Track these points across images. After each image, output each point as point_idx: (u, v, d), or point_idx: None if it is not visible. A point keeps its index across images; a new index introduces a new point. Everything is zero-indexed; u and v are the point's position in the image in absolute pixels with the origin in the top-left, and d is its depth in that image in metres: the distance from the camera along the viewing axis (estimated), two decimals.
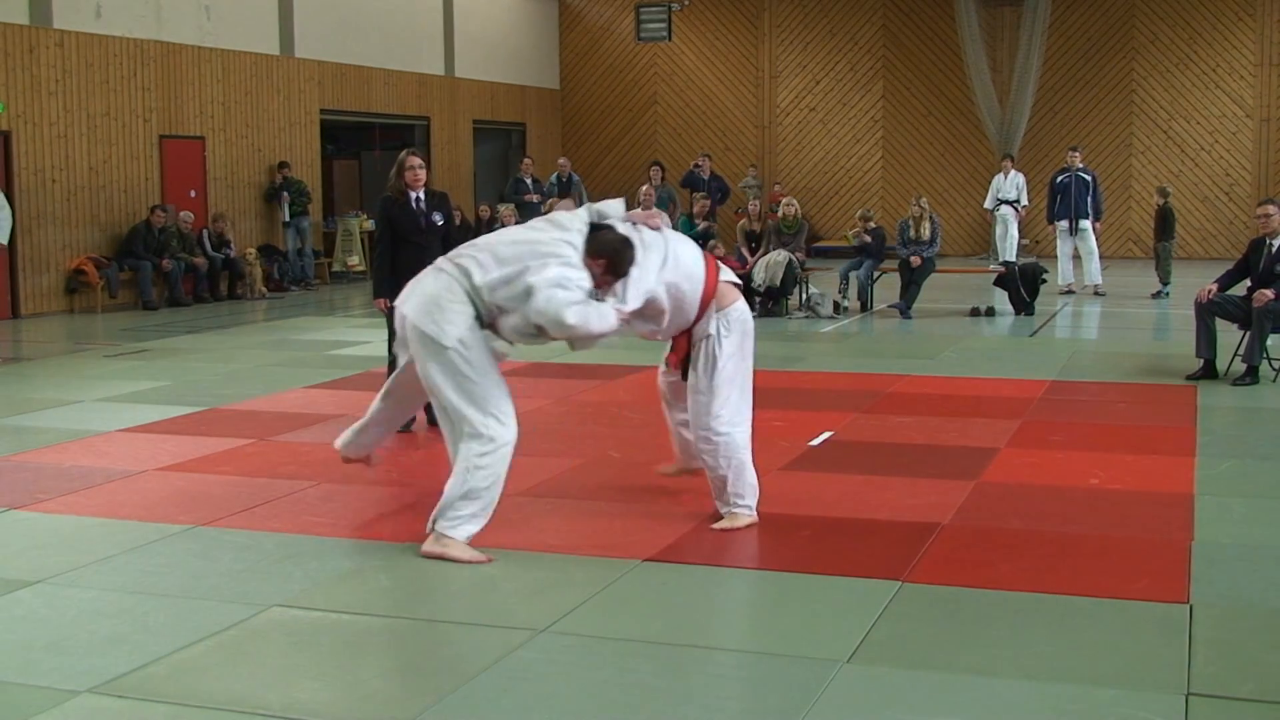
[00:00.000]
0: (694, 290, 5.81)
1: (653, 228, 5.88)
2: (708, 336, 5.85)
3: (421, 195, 8.19)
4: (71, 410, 9.17)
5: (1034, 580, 5.13)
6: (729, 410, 5.91)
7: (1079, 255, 17.14)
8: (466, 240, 7.64)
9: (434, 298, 5.52)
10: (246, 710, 3.99)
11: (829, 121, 24.81)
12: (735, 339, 5.89)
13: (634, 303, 5.64)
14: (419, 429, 8.19)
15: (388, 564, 5.50)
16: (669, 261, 5.76)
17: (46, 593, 5.16)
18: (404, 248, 7.99)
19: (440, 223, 8.20)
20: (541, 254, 5.49)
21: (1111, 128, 23.12)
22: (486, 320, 5.56)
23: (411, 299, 5.61)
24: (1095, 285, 16.90)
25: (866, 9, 24.35)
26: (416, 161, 8.19)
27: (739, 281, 6.12)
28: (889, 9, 24.23)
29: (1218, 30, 22.54)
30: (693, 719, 3.93)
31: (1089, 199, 16.98)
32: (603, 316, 5.51)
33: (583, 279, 5.51)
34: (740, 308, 5.94)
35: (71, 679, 4.23)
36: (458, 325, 5.45)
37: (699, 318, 5.85)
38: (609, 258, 5.58)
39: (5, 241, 11.64)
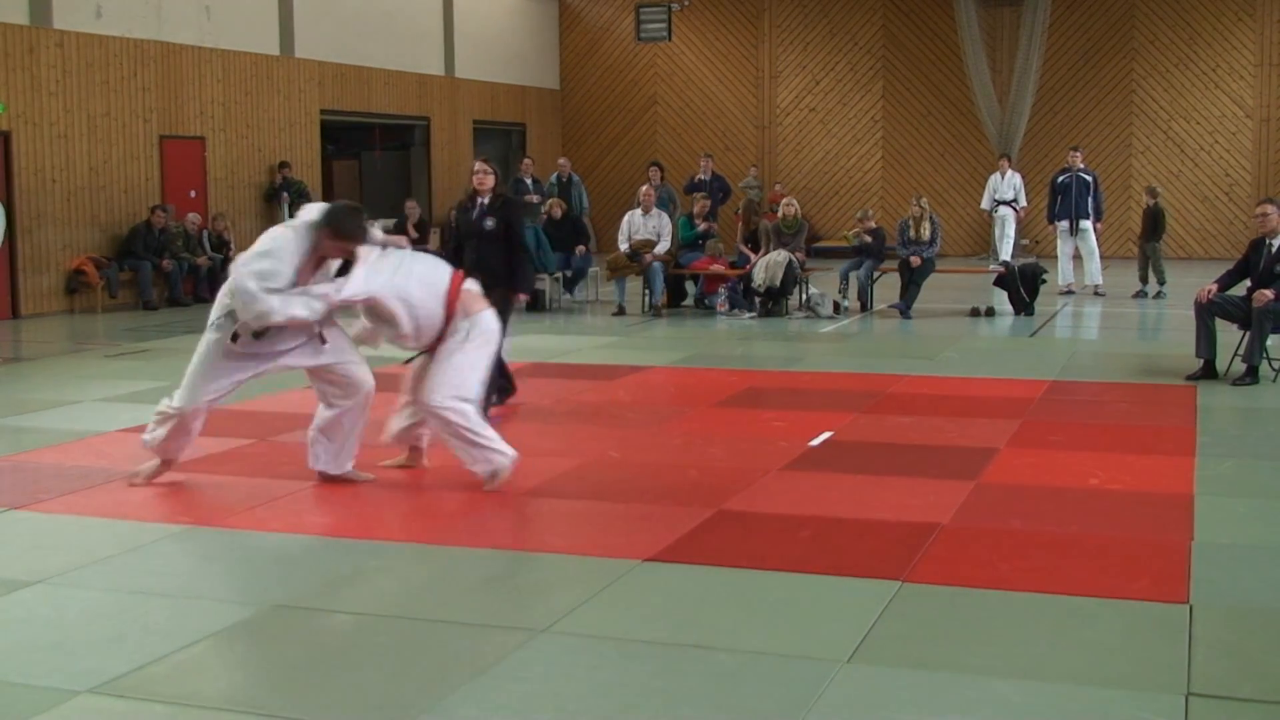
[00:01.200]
0: (432, 298, 6.47)
1: (398, 247, 6.57)
2: (455, 334, 6.53)
3: (485, 200, 8.63)
4: (71, 410, 9.17)
5: (1034, 580, 5.13)
6: (455, 389, 6.52)
7: (1079, 255, 17.13)
8: (510, 244, 8.63)
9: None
10: (246, 710, 3.99)
11: (829, 121, 24.81)
12: (477, 343, 6.54)
13: (350, 290, 6.32)
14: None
15: (388, 564, 5.50)
16: (401, 269, 6.42)
17: (46, 593, 5.16)
18: (466, 247, 8.62)
19: (490, 228, 8.57)
20: (255, 251, 6.29)
21: (1111, 128, 23.12)
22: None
23: None
24: (1095, 285, 16.88)
25: (866, 9, 24.35)
26: (477, 166, 8.72)
27: (478, 291, 6.73)
28: (889, 9, 24.23)
29: (1218, 30, 22.54)
30: (693, 719, 3.93)
31: (1089, 199, 16.97)
32: (302, 304, 6.20)
33: (277, 270, 6.19)
34: (487, 316, 6.64)
35: (71, 679, 4.23)
36: (213, 314, 6.59)
37: (448, 323, 6.50)
38: (333, 225, 6.28)
39: None
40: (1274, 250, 9.87)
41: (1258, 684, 4.13)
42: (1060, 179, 17.19)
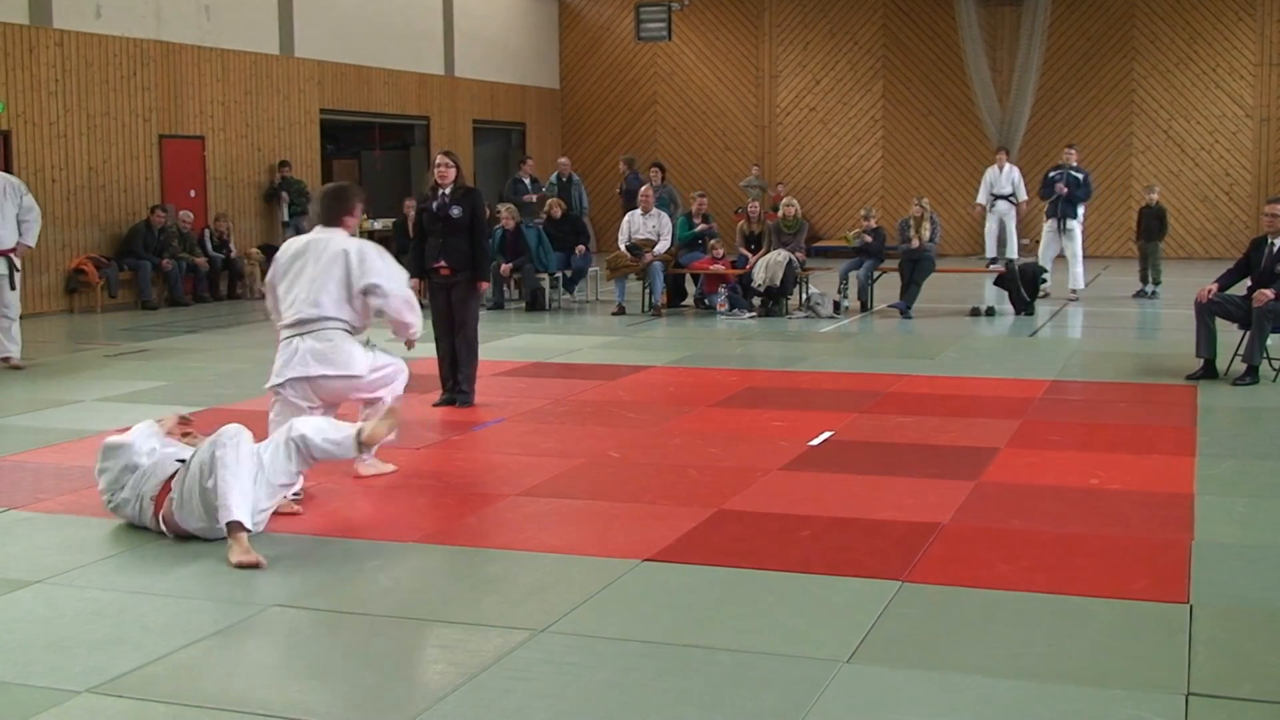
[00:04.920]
0: None
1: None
2: None
3: (447, 190, 9.06)
4: (71, 410, 9.17)
5: (1034, 580, 5.13)
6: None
7: (1063, 256, 16.81)
8: (474, 233, 9.04)
9: None
10: (246, 710, 3.98)
11: (829, 121, 24.81)
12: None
13: None
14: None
15: (388, 564, 5.50)
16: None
17: (46, 593, 5.16)
18: (430, 235, 9.15)
19: (457, 216, 9.01)
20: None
21: (1111, 128, 23.12)
22: None
23: None
24: (1074, 290, 16.27)
25: (866, 9, 24.35)
26: (439, 159, 9.19)
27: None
28: (889, 9, 24.23)
29: (1218, 30, 22.55)
30: (693, 719, 3.93)
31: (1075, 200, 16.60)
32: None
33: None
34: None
35: (71, 679, 4.23)
36: None
37: None
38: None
39: (32, 244, 11.49)
40: (1275, 250, 9.86)
41: (1258, 684, 4.13)
42: (1051, 175, 16.79)
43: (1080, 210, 16.62)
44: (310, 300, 6.51)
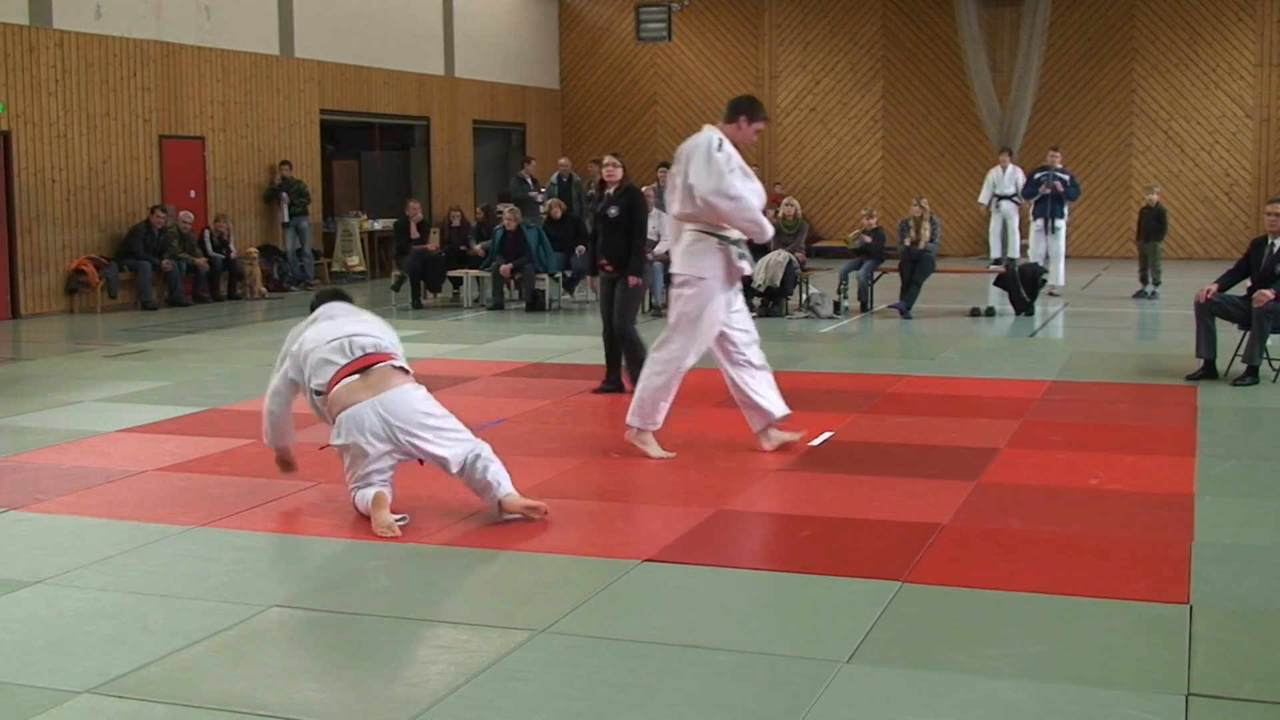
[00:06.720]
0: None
1: None
2: None
3: (611, 190, 9.68)
4: (71, 410, 9.17)
5: (1034, 580, 5.13)
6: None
7: (1047, 255, 16.92)
8: (630, 231, 9.40)
9: None
10: (246, 710, 3.98)
11: (829, 121, 24.81)
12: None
13: None
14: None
15: (388, 564, 5.50)
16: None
17: (46, 593, 5.16)
18: (597, 234, 9.87)
19: (614, 215, 9.48)
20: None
21: (1111, 128, 23.12)
22: None
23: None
24: (1053, 287, 16.54)
25: (866, 9, 24.35)
26: (606, 160, 9.81)
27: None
28: (889, 9, 24.23)
29: (1218, 30, 22.55)
30: (692, 719, 3.93)
31: (1064, 199, 16.81)
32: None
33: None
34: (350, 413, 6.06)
35: (71, 679, 4.23)
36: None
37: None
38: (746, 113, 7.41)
39: None
40: (1275, 250, 9.86)
41: (1258, 684, 4.13)
42: (1037, 176, 17.05)
43: (1066, 210, 16.84)
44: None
